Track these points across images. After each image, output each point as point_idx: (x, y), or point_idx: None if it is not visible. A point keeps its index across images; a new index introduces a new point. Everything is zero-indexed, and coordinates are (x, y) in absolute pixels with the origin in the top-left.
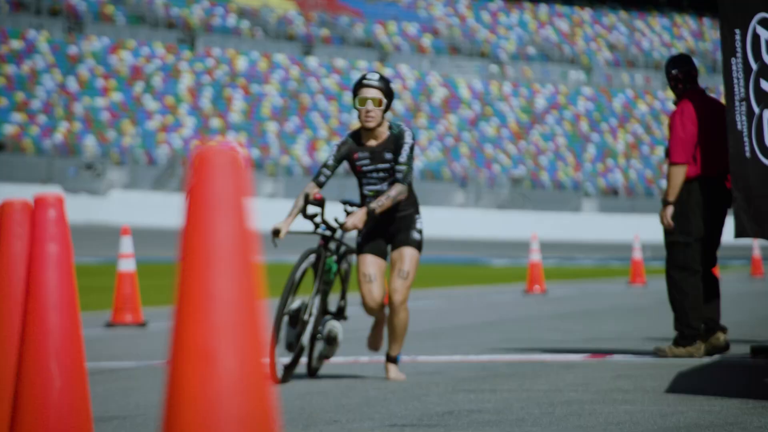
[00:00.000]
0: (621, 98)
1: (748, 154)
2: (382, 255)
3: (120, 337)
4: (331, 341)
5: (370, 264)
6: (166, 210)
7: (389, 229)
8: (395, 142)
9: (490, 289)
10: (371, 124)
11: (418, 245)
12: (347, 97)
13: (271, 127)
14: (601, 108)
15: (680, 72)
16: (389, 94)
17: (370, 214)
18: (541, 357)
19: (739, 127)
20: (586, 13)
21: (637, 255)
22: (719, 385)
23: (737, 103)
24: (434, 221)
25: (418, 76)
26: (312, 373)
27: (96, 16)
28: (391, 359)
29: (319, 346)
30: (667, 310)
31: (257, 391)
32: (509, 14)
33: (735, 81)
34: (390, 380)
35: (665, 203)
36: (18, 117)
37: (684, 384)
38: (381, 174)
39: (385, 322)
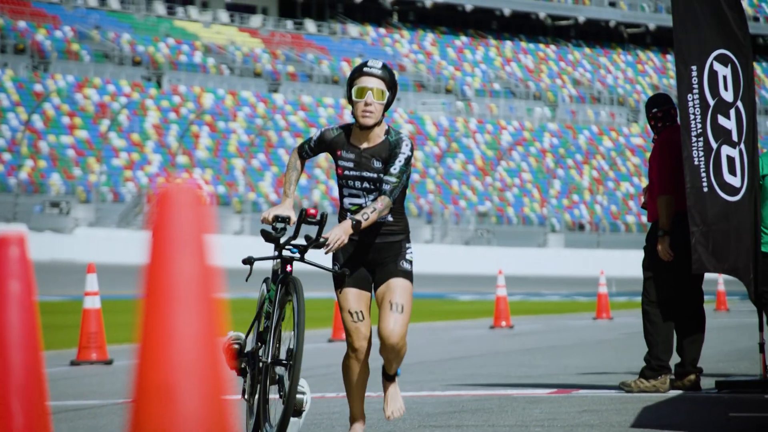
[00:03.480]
0: (586, 134)
1: (705, 189)
2: (366, 287)
3: (85, 375)
4: (297, 412)
5: (354, 300)
6: (132, 247)
7: (374, 258)
8: (390, 150)
9: (457, 324)
10: (370, 121)
11: (409, 276)
12: (314, 133)
13: (238, 163)
14: (566, 143)
15: (660, 110)
16: (393, 86)
17: (356, 227)
18: (507, 392)
19: (695, 162)
20: (550, 50)
21: (603, 290)
22: (684, 420)
23: (693, 139)
24: None
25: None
26: None
27: (61, 54)
28: (390, 377)
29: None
30: (632, 344)
31: (219, 428)
32: (474, 51)
33: (691, 117)
34: (388, 417)
35: (663, 234)
36: None
37: (649, 418)
38: (366, 184)
39: (364, 381)
